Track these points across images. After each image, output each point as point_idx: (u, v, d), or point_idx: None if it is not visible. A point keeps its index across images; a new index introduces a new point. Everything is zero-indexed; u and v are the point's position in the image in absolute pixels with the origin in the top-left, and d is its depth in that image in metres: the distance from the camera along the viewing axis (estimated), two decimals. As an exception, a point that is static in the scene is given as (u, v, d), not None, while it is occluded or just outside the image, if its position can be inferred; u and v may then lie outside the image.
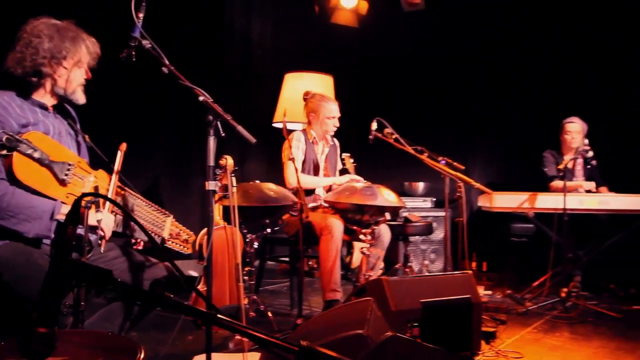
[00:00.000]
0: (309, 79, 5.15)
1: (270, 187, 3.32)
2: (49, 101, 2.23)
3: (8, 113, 2.06)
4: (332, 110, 4.02)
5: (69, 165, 2.09)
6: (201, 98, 2.00)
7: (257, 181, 3.42)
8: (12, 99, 2.12)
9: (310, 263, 4.96)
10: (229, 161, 2.32)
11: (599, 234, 4.50)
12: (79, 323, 1.66)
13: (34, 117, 2.14)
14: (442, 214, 5.27)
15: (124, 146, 2.31)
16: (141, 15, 2.07)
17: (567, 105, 5.13)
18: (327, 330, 1.92)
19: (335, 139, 4.26)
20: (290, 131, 4.06)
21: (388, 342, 1.64)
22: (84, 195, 1.03)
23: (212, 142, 2.01)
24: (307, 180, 3.90)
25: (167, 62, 2.07)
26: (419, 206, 5.38)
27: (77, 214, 0.96)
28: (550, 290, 4.20)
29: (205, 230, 2.75)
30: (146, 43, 2.08)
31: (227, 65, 5.61)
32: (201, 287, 2.60)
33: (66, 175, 2.08)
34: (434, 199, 5.47)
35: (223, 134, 2.03)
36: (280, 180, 3.86)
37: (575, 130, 4.68)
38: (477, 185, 3.72)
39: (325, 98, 4.10)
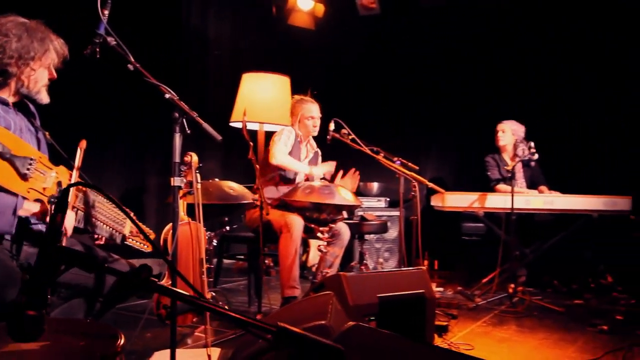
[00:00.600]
0: (267, 79, 5.18)
1: (230, 185, 3.36)
2: (11, 98, 2.21)
3: (-32, 108, 2.03)
4: (309, 110, 4.09)
5: (31, 160, 2.08)
6: (167, 95, 2.03)
7: (217, 179, 3.44)
8: None
9: (267, 262, 4.99)
10: (193, 158, 2.35)
11: (543, 232, 4.73)
12: (91, 311, 1.68)
13: (-5, 114, 2.12)
14: (396, 213, 5.42)
15: (83, 143, 2.30)
16: (106, 12, 2.08)
17: (512, 109, 5.35)
18: (289, 323, 1.97)
19: (318, 149, 4.35)
20: (251, 131, 4.11)
21: (350, 331, 1.71)
22: (72, 185, 1.05)
23: (177, 139, 2.04)
24: (289, 161, 3.97)
25: (132, 59, 2.09)
26: (373, 206, 5.50)
27: (65, 202, 0.99)
28: (499, 286, 4.39)
29: (170, 225, 2.77)
30: (111, 40, 2.09)
31: (183, 65, 5.59)
32: (165, 281, 2.61)
33: (28, 170, 2.06)
34: (388, 199, 5.61)
35: (189, 131, 2.06)
36: (239, 179, 3.90)
37: (501, 129, 4.93)
38: (431, 185, 3.86)
39: (304, 99, 4.19)
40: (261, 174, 3.98)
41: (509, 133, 4.98)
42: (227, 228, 3.49)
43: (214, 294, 3.31)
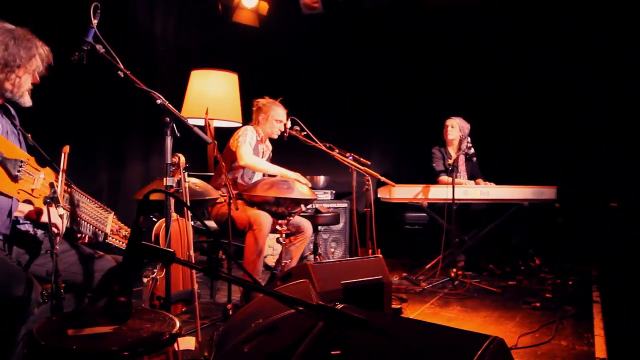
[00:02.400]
0: (215, 76, 5.28)
1: (195, 182, 3.48)
2: (-4, 102, 2.27)
3: (-43, 112, 2.08)
4: (280, 115, 4.20)
5: (21, 162, 2.15)
6: (159, 101, 2.16)
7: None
8: None
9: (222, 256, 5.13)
10: (181, 159, 2.47)
11: (479, 220, 5.13)
12: (60, 309, 1.78)
13: (-18, 116, 2.17)
14: (341, 205, 5.70)
15: (67, 148, 2.36)
16: (95, 21, 2.17)
17: (450, 106, 5.74)
18: (276, 308, 2.17)
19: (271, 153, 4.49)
20: (199, 127, 4.21)
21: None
22: (154, 191, 1.19)
23: (168, 142, 2.17)
24: (257, 162, 4.08)
25: (122, 66, 2.19)
26: (320, 198, 5.72)
27: (146, 206, 1.14)
28: (441, 271, 4.74)
29: (161, 221, 2.88)
30: (100, 47, 2.19)
31: (130, 61, 5.57)
32: (159, 274, 2.72)
33: (18, 172, 2.13)
34: (334, 191, 5.86)
35: (178, 134, 2.19)
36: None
37: (450, 124, 5.29)
38: (383, 178, 4.12)
39: (276, 103, 4.26)
40: (218, 171, 4.12)
41: (457, 128, 5.32)
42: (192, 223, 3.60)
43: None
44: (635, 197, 5.31)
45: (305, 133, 4.17)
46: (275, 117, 4.20)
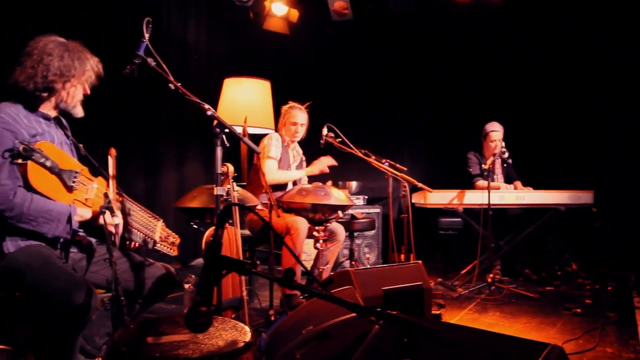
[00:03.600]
0: (248, 83, 5.33)
1: (236, 189, 3.51)
2: (52, 113, 2.34)
3: (18, 124, 2.15)
4: (294, 116, 4.26)
5: (76, 173, 2.22)
6: (209, 112, 2.20)
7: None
8: (19, 110, 2.22)
9: (257, 262, 5.17)
10: (230, 168, 2.52)
11: (515, 225, 5.08)
12: (131, 312, 1.83)
13: (40, 128, 2.25)
14: (374, 210, 5.70)
15: (113, 151, 2.41)
16: (147, 35, 2.23)
17: (484, 109, 5.71)
18: (326, 315, 2.19)
19: (303, 156, 4.52)
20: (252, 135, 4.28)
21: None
22: (232, 204, 1.23)
23: (219, 152, 2.21)
24: (282, 176, 4.16)
25: (172, 78, 2.24)
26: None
27: (225, 218, 1.17)
28: (477, 277, 4.71)
29: (211, 229, 2.93)
30: (151, 61, 2.25)
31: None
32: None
33: (73, 182, 2.20)
34: (366, 197, 5.86)
35: (227, 145, 2.23)
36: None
37: (498, 138, 5.19)
38: (420, 184, 4.12)
39: (294, 106, 4.33)
40: (253, 179, 4.16)
41: (502, 139, 5.24)
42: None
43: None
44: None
45: (340, 139, 4.18)
46: (291, 119, 4.26)
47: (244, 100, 5.21)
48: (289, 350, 2.09)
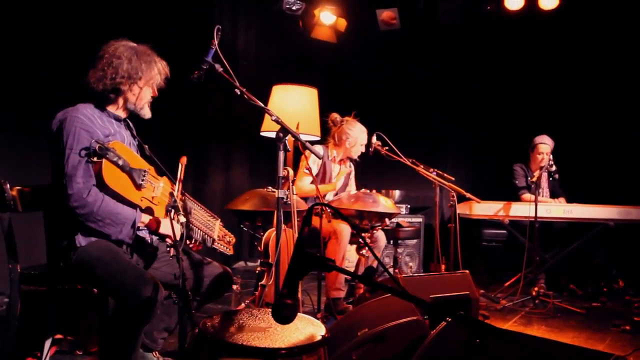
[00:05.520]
0: (296, 91, 5.42)
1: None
2: (122, 114, 2.46)
3: (93, 124, 2.27)
4: (364, 139, 4.25)
5: (145, 171, 2.32)
6: (273, 118, 2.28)
7: (270, 188, 3.67)
8: (93, 110, 2.34)
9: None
10: (290, 172, 2.59)
11: (562, 238, 5.02)
12: (189, 310, 1.91)
13: (112, 128, 2.37)
14: (416, 219, 5.71)
15: (184, 159, 2.53)
16: (216, 42, 2.32)
17: (530, 122, 5.68)
18: (381, 318, 2.24)
19: (352, 163, 4.50)
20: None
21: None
22: (317, 204, 1.29)
23: (281, 156, 2.28)
24: (311, 190, 4.13)
25: (238, 84, 2.33)
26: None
27: (310, 218, 1.24)
28: (521, 290, 4.66)
29: (270, 231, 3.02)
30: (218, 67, 2.34)
31: (215, 75, 5.83)
32: (265, 281, 2.84)
33: (142, 180, 2.30)
34: (409, 206, 5.88)
35: (289, 150, 2.30)
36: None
37: (546, 151, 5.13)
38: (468, 195, 4.12)
39: (358, 125, 4.31)
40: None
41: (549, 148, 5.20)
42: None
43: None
44: None
45: (388, 147, 4.22)
46: (361, 142, 4.25)
47: (292, 107, 5.29)
48: (345, 351, 2.14)
